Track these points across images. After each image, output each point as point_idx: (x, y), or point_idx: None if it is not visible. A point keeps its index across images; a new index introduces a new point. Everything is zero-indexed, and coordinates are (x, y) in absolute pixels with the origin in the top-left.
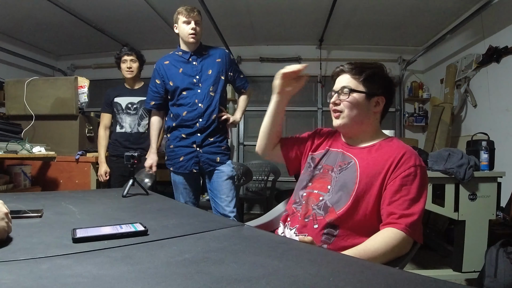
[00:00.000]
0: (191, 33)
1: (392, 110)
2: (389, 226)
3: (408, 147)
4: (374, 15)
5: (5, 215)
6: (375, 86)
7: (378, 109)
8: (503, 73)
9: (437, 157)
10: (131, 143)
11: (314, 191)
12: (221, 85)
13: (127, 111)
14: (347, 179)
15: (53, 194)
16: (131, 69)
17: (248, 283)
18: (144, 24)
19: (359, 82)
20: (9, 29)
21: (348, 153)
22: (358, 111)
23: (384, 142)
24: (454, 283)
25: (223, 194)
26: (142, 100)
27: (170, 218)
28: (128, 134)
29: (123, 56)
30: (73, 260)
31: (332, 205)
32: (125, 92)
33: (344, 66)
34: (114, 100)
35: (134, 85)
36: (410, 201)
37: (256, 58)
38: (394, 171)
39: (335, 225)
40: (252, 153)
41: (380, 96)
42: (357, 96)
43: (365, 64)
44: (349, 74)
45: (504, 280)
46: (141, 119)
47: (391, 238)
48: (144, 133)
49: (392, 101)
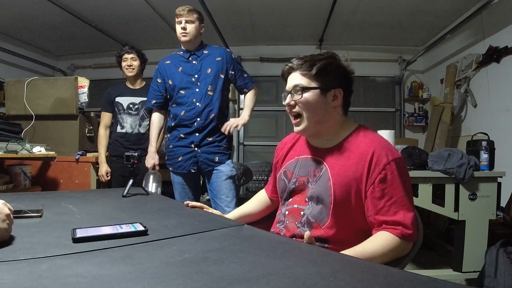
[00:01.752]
0: (181, 32)
1: (392, 110)
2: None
3: (375, 142)
4: (374, 15)
5: (6, 216)
6: (329, 78)
7: (337, 103)
8: (503, 73)
9: (437, 157)
10: (132, 144)
11: (294, 206)
12: (220, 84)
13: (128, 111)
14: (322, 191)
15: (53, 194)
16: (131, 67)
17: (248, 283)
18: (144, 24)
19: (311, 78)
20: (9, 29)
21: (317, 158)
22: (316, 109)
23: (351, 139)
24: (454, 283)
25: (223, 194)
26: (143, 100)
27: (170, 218)
28: (128, 135)
29: (123, 54)
30: (73, 260)
31: (315, 220)
32: (126, 92)
33: (293, 63)
34: (116, 100)
35: (135, 85)
36: (397, 204)
37: (256, 58)
38: (368, 177)
39: (324, 239)
40: (252, 153)
41: (336, 88)
42: (311, 93)
43: (315, 56)
44: (299, 71)
45: (504, 280)
46: (142, 120)
47: (389, 242)
48: (145, 133)
49: (351, 90)
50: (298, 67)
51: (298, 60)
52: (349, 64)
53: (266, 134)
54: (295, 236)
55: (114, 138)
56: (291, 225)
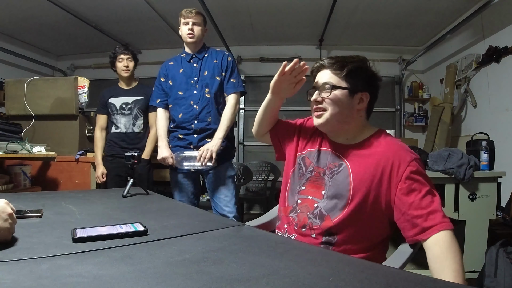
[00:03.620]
0: (188, 33)
1: (392, 110)
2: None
3: (396, 143)
4: (374, 15)
5: (9, 215)
6: (358, 81)
7: (362, 106)
8: (503, 73)
9: (437, 157)
10: (127, 144)
11: (308, 197)
12: (215, 86)
13: (122, 111)
14: (340, 186)
15: (53, 194)
16: (128, 68)
17: (248, 283)
18: (144, 24)
19: (341, 78)
20: (9, 29)
21: (337, 153)
22: (341, 109)
23: (372, 140)
24: (454, 283)
25: (222, 194)
26: (136, 99)
27: (170, 218)
28: (123, 135)
29: (119, 55)
30: (73, 260)
31: (327, 213)
32: (119, 93)
33: (324, 61)
34: (109, 101)
35: (128, 85)
36: (431, 196)
37: (256, 58)
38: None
39: (332, 232)
40: (252, 153)
41: (363, 92)
42: (339, 93)
43: (346, 58)
44: (329, 69)
45: (504, 280)
46: (135, 119)
47: (450, 243)
48: (140, 133)
49: (377, 97)
50: (329, 66)
51: (330, 59)
52: (378, 71)
53: None
54: (305, 227)
55: (110, 138)
56: (302, 215)
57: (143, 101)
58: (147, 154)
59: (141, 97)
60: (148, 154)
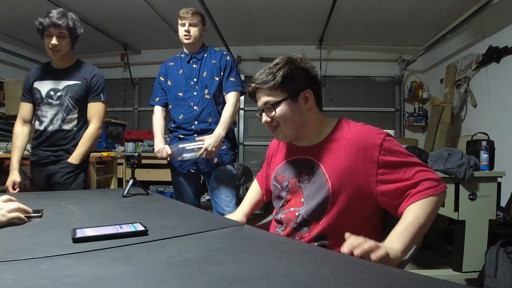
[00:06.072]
0: (184, 35)
1: (392, 110)
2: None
3: (360, 128)
4: (374, 15)
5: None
6: (294, 83)
7: (310, 103)
8: (503, 73)
9: (437, 157)
10: (50, 145)
11: (290, 209)
12: (214, 87)
13: (48, 100)
14: (318, 187)
15: (53, 194)
16: (56, 48)
17: (248, 283)
18: (144, 24)
19: (277, 91)
20: (9, 29)
21: (307, 157)
22: (292, 117)
23: (336, 133)
24: (454, 283)
25: (223, 194)
26: (70, 84)
27: (170, 218)
28: (46, 132)
29: (47, 27)
30: (73, 260)
31: (310, 218)
32: (48, 74)
33: (255, 83)
34: (33, 86)
35: (62, 64)
36: (414, 165)
37: (256, 58)
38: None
39: (323, 235)
40: (252, 153)
41: (304, 90)
42: (282, 106)
43: (272, 68)
44: (262, 89)
45: (504, 280)
46: (66, 112)
47: (428, 205)
48: (71, 131)
49: (319, 86)
50: (260, 85)
51: (258, 78)
52: (307, 61)
53: (266, 134)
54: (294, 237)
55: (33, 137)
56: (288, 228)
57: (79, 87)
58: (76, 158)
59: (77, 81)
60: (78, 158)
